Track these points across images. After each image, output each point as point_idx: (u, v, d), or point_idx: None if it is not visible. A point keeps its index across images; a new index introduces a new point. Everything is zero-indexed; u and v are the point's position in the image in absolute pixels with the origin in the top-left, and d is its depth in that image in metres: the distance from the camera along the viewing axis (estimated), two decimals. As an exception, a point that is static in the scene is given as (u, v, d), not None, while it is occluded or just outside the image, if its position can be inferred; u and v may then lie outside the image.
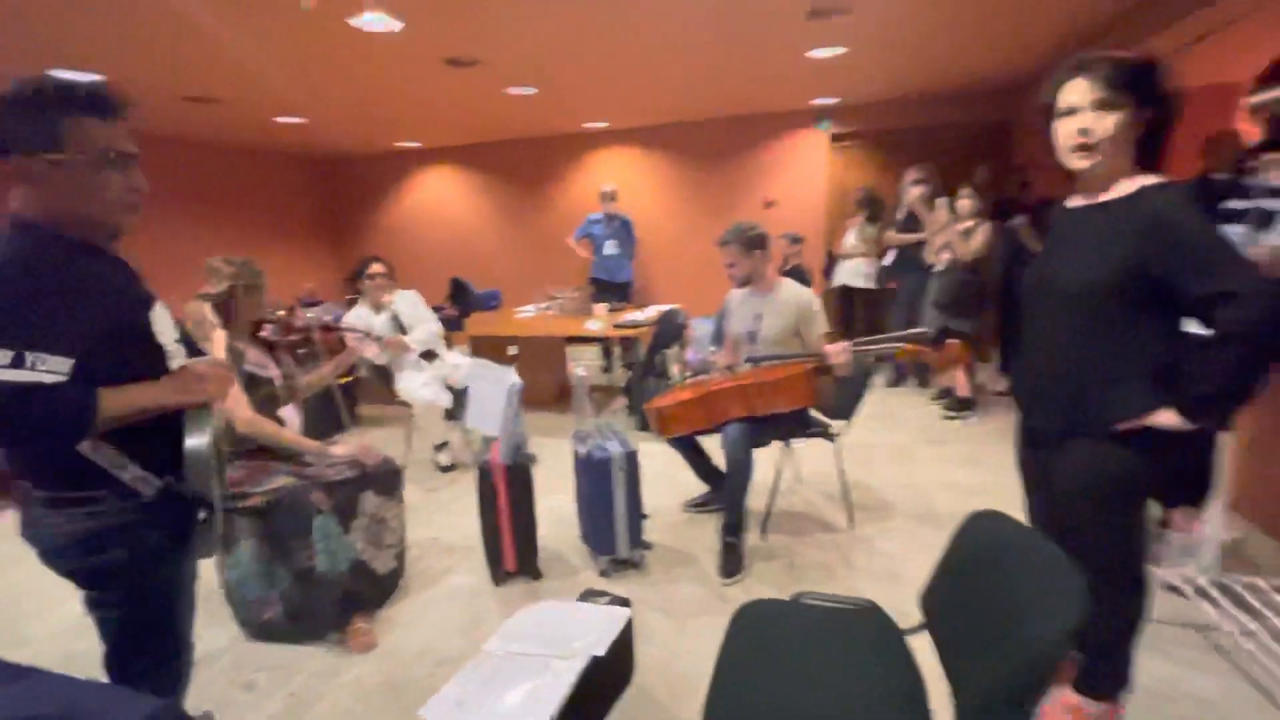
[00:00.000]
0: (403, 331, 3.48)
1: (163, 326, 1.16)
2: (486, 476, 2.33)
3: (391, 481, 2.33)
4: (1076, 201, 1.41)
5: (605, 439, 2.47)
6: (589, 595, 1.96)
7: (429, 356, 3.58)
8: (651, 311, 4.53)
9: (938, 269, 4.18)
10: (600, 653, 1.55)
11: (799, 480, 3.25)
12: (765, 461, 2.64)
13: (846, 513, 2.82)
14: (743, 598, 1.50)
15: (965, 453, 3.55)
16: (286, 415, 2.25)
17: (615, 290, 5.48)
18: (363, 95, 4.72)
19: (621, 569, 2.46)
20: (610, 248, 5.56)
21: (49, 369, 0.95)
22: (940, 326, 4.05)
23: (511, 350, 4.66)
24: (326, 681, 1.94)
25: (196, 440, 1.10)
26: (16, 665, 0.89)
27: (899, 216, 4.68)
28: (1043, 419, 1.46)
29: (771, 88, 5.00)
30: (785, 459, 2.86)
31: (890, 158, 5.76)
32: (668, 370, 4.29)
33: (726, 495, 2.47)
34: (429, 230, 7.61)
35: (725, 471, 2.48)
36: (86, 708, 0.81)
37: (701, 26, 3.41)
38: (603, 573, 2.45)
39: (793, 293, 2.59)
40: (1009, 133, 5.29)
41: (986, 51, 4.17)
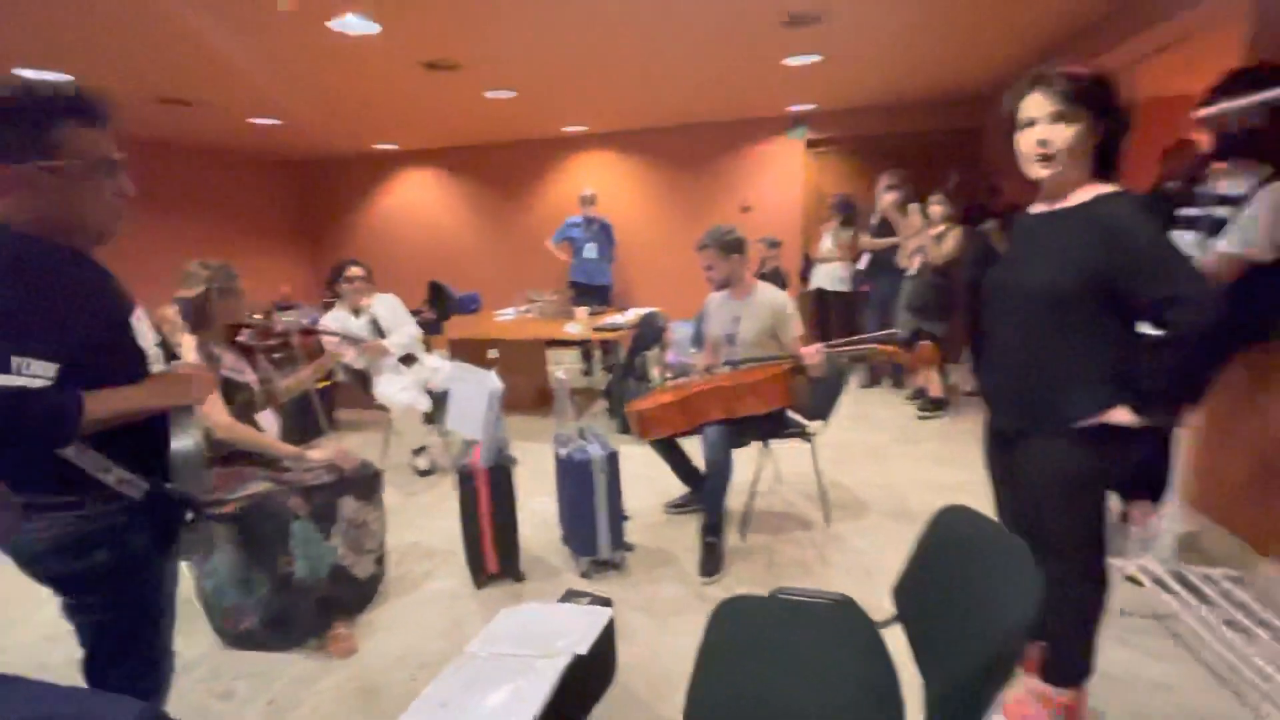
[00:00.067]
0: (381, 335, 3.46)
1: (143, 331, 1.16)
2: (468, 480, 2.34)
3: (370, 485, 2.32)
4: (1038, 208, 1.48)
5: (586, 441, 2.49)
6: (571, 596, 1.98)
7: (408, 360, 3.56)
8: (631, 314, 4.56)
9: (910, 273, 4.28)
10: (582, 651, 1.57)
11: (777, 480, 3.30)
12: (744, 462, 2.68)
13: (823, 511, 2.88)
14: (722, 596, 1.53)
15: (938, 451, 3.64)
16: (264, 420, 2.23)
17: (595, 293, 5.51)
18: (340, 97, 4.68)
19: (603, 570, 2.48)
20: (590, 251, 5.58)
21: (34, 373, 0.95)
22: (913, 328, 4.16)
23: (492, 354, 4.65)
24: (306, 688, 1.93)
25: (183, 441, 1.11)
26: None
27: (873, 221, 4.78)
28: (1006, 417, 1.53)
29: (749, 94, 5.08)
30: (764, 459, 2.91)
31: (865, 164, 5.88)
32: (648, 373, 4.33)
33: (706, 496, 2.50)
34: (407, 233, 7.55)
35: (705, 473, 2.52)
36: (71, 712, 0.81)
37: (679, 33, 3.45)
38: (584, 574, 2.46)
39: (769, 296, 2.64)
40: (979, 140, 5.43)
41: (955, 62, 4.29)
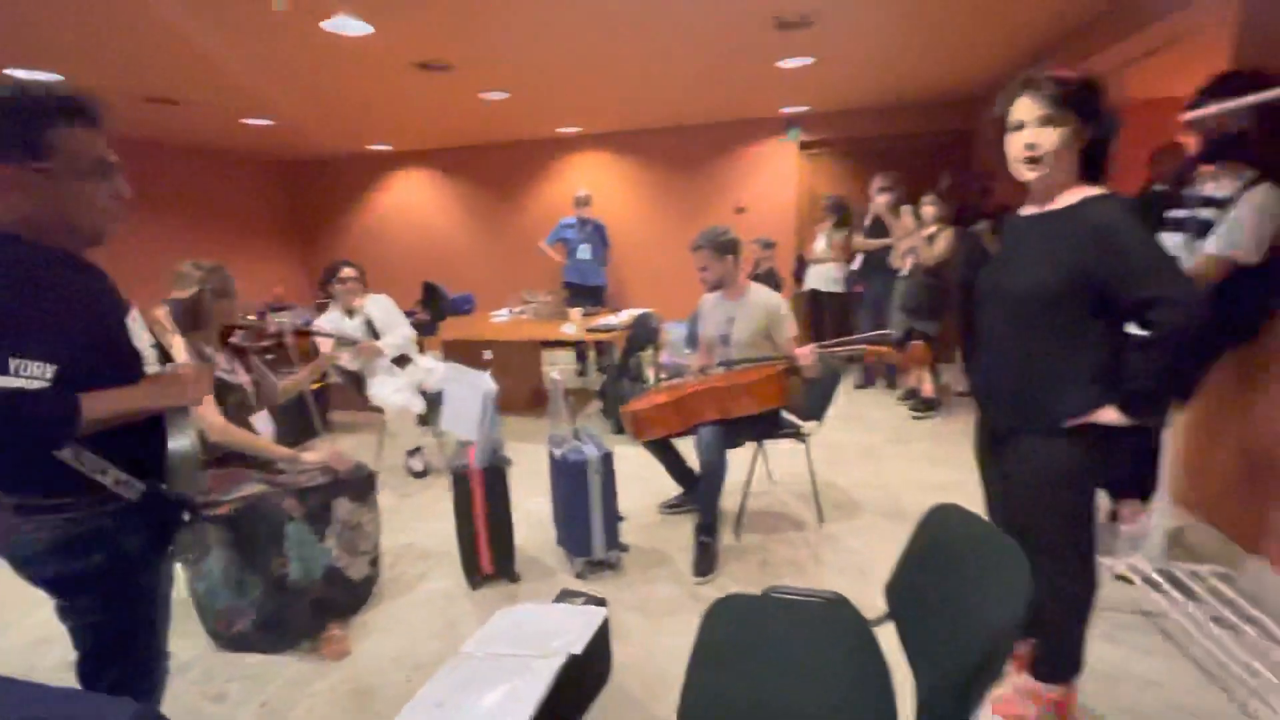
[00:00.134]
0: (375, 336, 3.46)
1: (138, 332, 1.16)
2: (462, 481, 2.34)
3: (365, 487, 2.32)
4: (1027, 210, 1.50)
5: (581, 442, 2.49)
6: (565, 596, 1.99)
7: (401, 362, 3.56)
8: (625, 315, 4.57)
9: (903, 273, 4.31)
10: (578, 651, 1.58)
11: (771, 480, 3.31)
12: (738, 462, 2.69)
13: (817, 511, 2.90)
14: (717, 596, 1.54)
15: (931, 451, 3.67)
16: (258, 423, 2.23)
17: (589, 294, 5.51)
18: (333, 98, 4.67)
19: (598, 570, 2.49)
20: (584, 252, 5.59)
21: (32, 375, 0.95)
22: (906, 329, 4.18)
23: (486, 355, 4.65)
24: (300, 690, 1.93)
25: (180, 441, 1.11)
26: None
27: (866, 222, 4.81)
28: (996, 416, 1.55)
29: (742, 96, 5.09)
30: (757, 460, 2.92)
31: (858, 165, 5.91)
32: (642, 373, 4.34)
33: (700, 496, 2.51)
34: (401, 234, 7.53)
35: (699, 473, 2.53)
36: (65, 713, 0.81)
37: (673, 35, 3.46)
38: (579, 574, 2.47)
39: (762, 297, 2.66)
40: (971, 142, 5.47)
41: (946, 65, 4.32)
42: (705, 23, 3.29)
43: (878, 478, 3.33)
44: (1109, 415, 1.33)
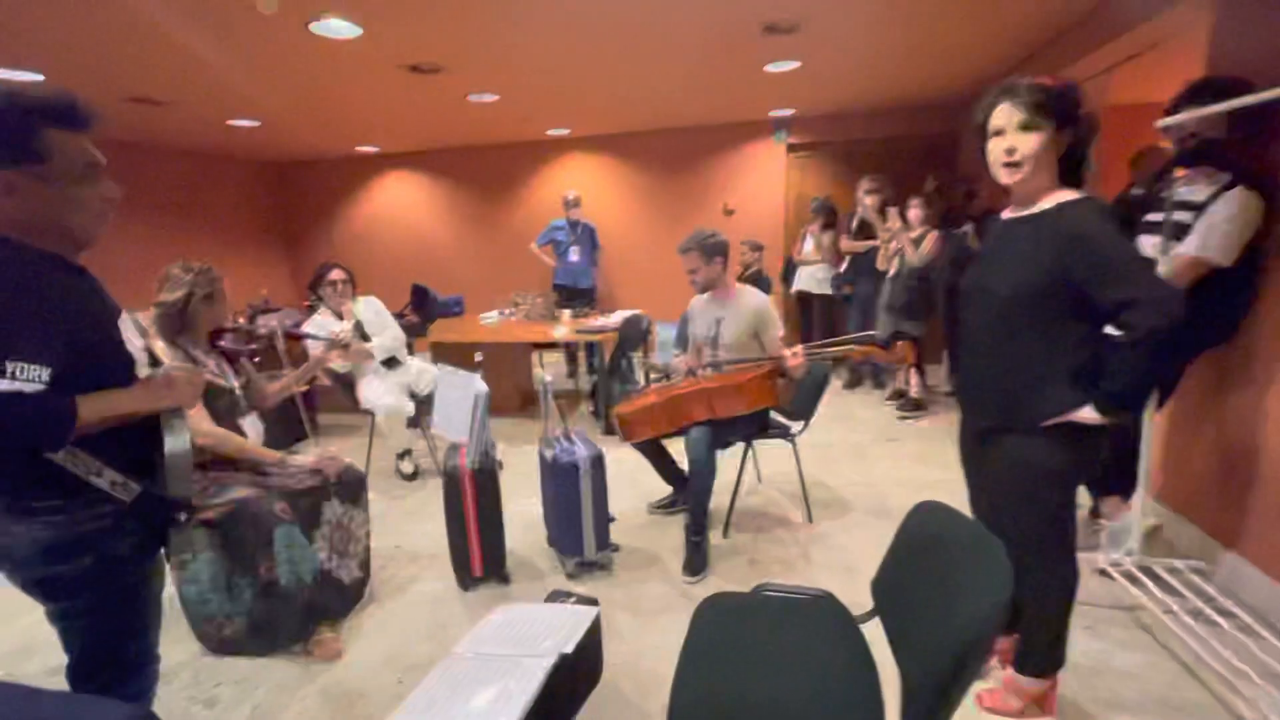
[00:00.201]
0: (365, 338, 3.45)
1: (130, 335, 1.17)
2: (454, 482, 2.34)
3: (355, 489, 2.32)
4: (1009, 213, 1.53)
5: (572, 443, 2.50)
6: (557, 595, 2.00)
7: (391, 364, 3.55)
8: (615, 317, 4.58)
9: (890, 275, 4.35)
10: (569, 650, 1.59)
11: (760, 480, 3.34)
12: (727, 463, 2.71)
13: (806, 510, 2.92)
14: (707, 595, 1.55)
15: (918, 450, 3.71)
16: (247, 426, 2.22)
17: (579, 296, 5.52)
18: (321, 100, 4.65)
19: (589, 571, 2.50)
20: (574, 254, 5.60)
21: (28, 378, 0.96)
22: (892, 329, 4.23)
23: (478, 356, 4.64)
24: (291, 693, 1.92)
25: (176, 442, 1.11)
26: None
27: (853, 224, 4.86)
28: (978, 415, 1.58)
29: (730, 99, 5.13)
30: (747, 460, 2.94)
31: (845, 168, 5.97)
32: (632, 375, 4.35)
33: (690, 496, 2.53)
34: (389, 236, 7.50)
35: (689, 473, 2.55)
36: (58, 715, 0.81)
37: (661, 39, 3.49)
38: (570, 575, 2.48)
39: (750, 298, 2.68)
40: (956, 145, 5.54)
41: (930, 70, 4.38)
42: (693, 27, 3.31)
43: (865, 477, 3.37)
44: (1087, 414, 1.37)
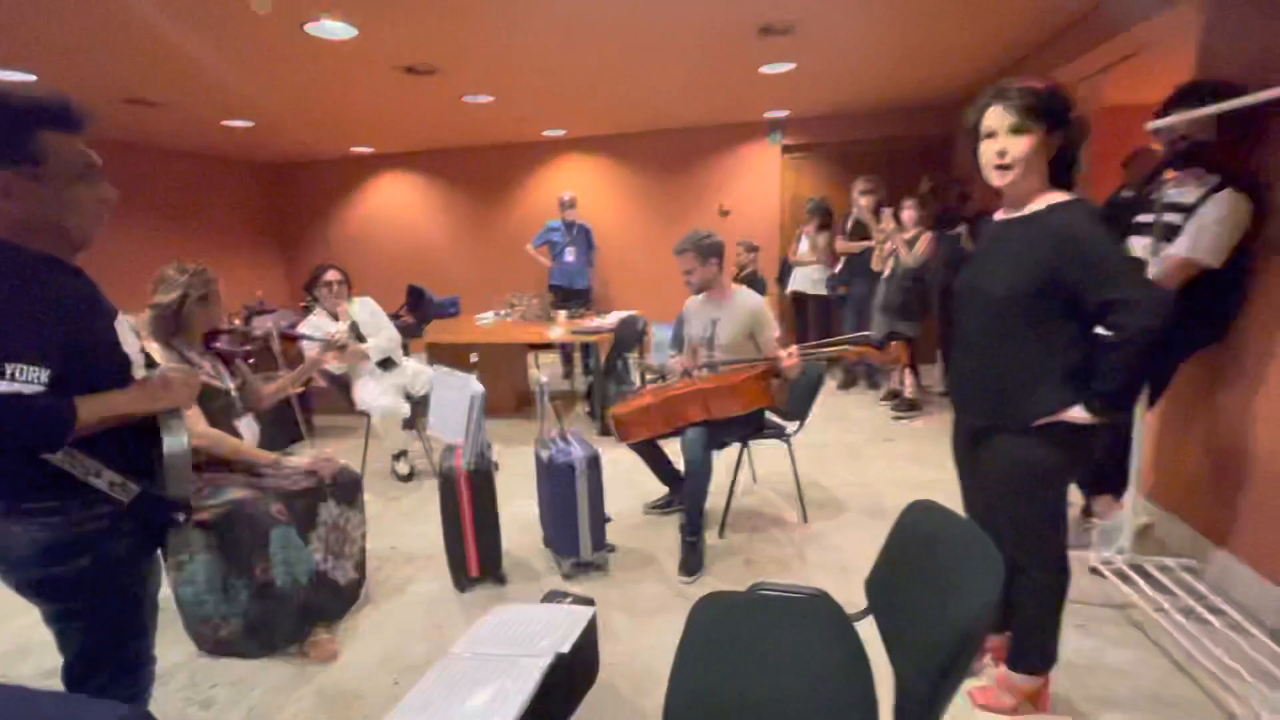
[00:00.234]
0: (361, 339, 3.44)
1: (125, 337, 1.17)
2: (449, 483, 2.34)
3: (350, 490, 2.32)
4: (1000, 214, 1.55)
5: (568, 444, 2.51)
6: (553, 596, 2.00)
7: (387, 365, 3.55)
8: (611, 318, 4.59)
9: (884, 275, 4.37)
10: (565, 650, 1.60)
11: (755, 480, 3.35)
12: (723, 463, 2.72)
13: (801, 510, 2.94)
14: (702, 594, 1.56)
15: (912, 450, 3.73)
16: (243, 428, 2.22)
17: (574, 297, 5.53)
18: (316, 101, 4.65)
19: (585, 571, 2.51)
20: (569, 255, 5.60)
21: (27, 379, 0.96)
22: (887, 330, 4.25)
23: (473, 358, 4.65)
24: (286, 694, 1.92)
25: (175, 442, 1.11)
26: None
27: (847, 225, 4.88)
28: (971, 415, 1.59)
29: (726, 100, 5.15)
30: (742, 460, 2.95)
31: (839, 168, 5.99)
32: (628, 375, 4.36)
33: (686, 497, 2.54)
34: (385, 236, 7.48)
35: (684, 474, 2.55)
36: (55, 716, 0.81)
37: (657, 40, 3.50)
38: (566, 575, 2.48)
39: (745, 299, 2.70)
40: (950, 147, 5.56)
41: (924, 71, 4.40)
42: (689, 29, 3.33)
43: (860, 477, 3.38)
44: (1078, 414, 1.38)
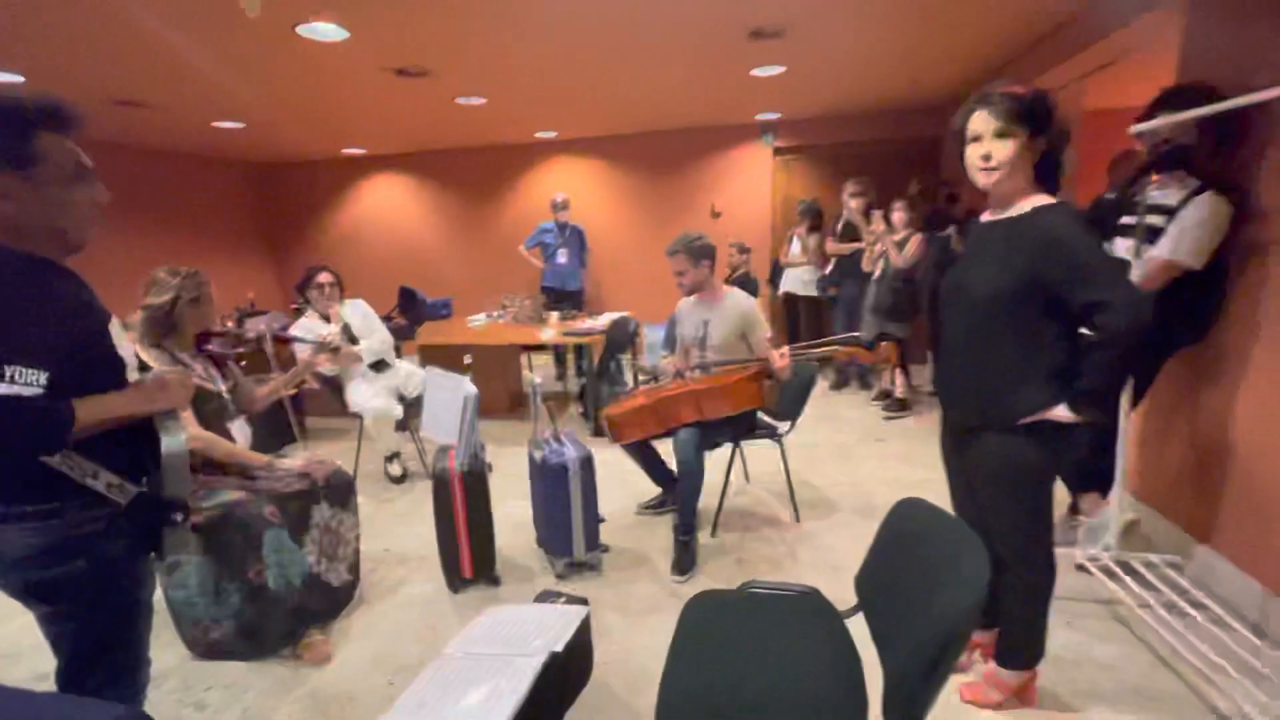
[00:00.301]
0: (354, 341, 3.44)
1: (119, 339, 1.17)
2: (443, 485, 2.35)
3: (343, 492, 2.32)
4: (987, 216, 1.58)
5: (561, 445, 2.52)
6: (546, 596, 2.02)
7: (379, 367, 3.55)
8: (604, 319, 4.60)
9: (875, 277, 4.41)
10: (559, 649, 1.61)
11: (748, 480, 3.37)
12: (715, 463, 2.74)
13: (793, 510, 2.96)
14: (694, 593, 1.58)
15: (903, 450, 3.76)
16: (236, 430, 2.22)
17: (567, 298, 5.54)
18: (307, 102, 4.63)
19: (578, 571, 2.52)
20: (562, 256, 5.61)
21: (26, 382, 0.96)
22: (878, 331, 4.28)
23: (467, 359, 4.65)
24: (280, 696, 1.92)
25: (173, 442, 1.12)
26: None
27: (838, 227, 4.92)
28: (958, 414, 1.62)
29: (717, 102, 5.17)
30: (734, 460, 2.97)
31: (830, 170, 6.04)
32: (621, 376, 4.37)
33: (679, 497, 2.56)
34: (377, 238, 7.47)
35: (677, 474, 2.57)
36: (52, 716, 0.82)
37: (648, 43, 3.52)
38: (560, 576, 2.49)
39: (737, 300, 2.72)
40: (939, 148, 5.61)
41: (913, 75, 4.44)
42: (680, 32, 3.35)
43: (851, 476, 3.41)
44: (1061, 413, 1.41)
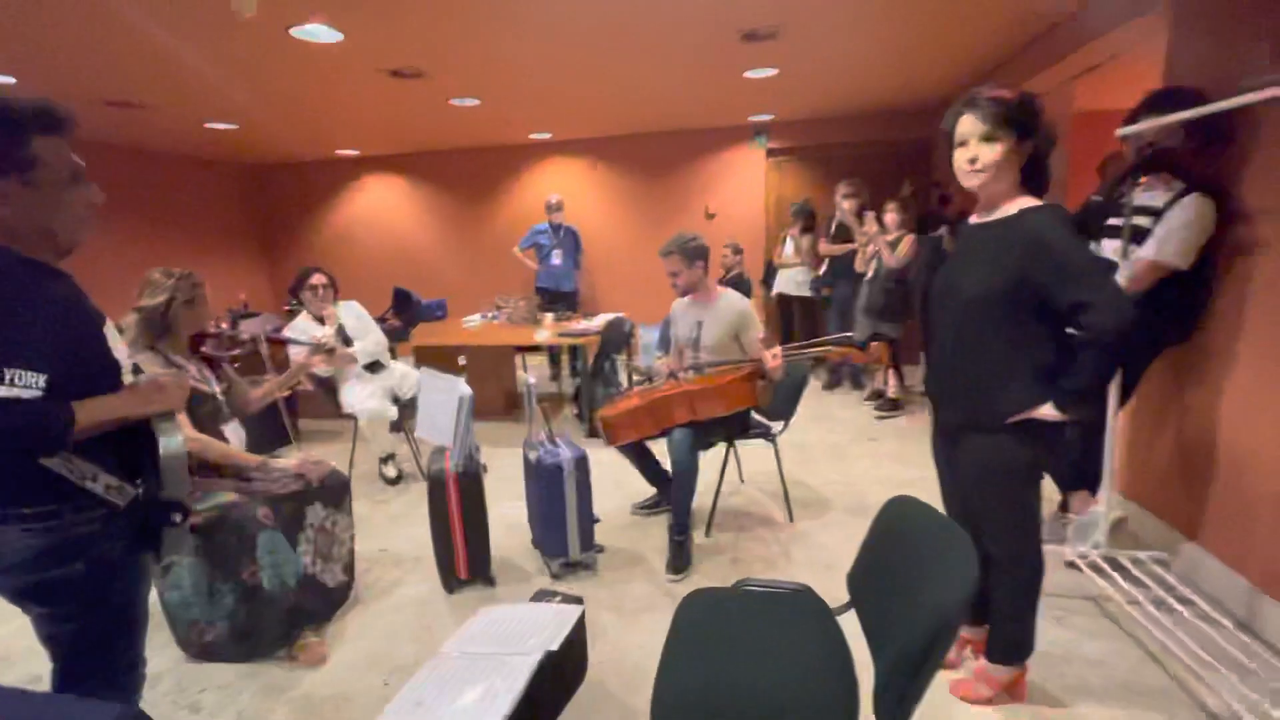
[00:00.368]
0: (348, 343, 3.44)
1: (114, 342, 1.18)
2: (438, 485, 2.36)
3: (338, 493, 2.32)
4: (976, 218, 1.60)
5: (556, 445, 2.53)
6: (542, 595, 2.02)
7: (374, 368, 3.55)
8: (598, 320, 4.62)
9: (867, 277, 4.44)
10: (554, 648, 1.62)
11: (742, 480, 3.39)
12: (709, 463, 2.76)
13: (786, 509, 2.98)
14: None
15: (895, 449, 3.79)
16: (230, 432, 2.22)
17: (562, 299, 5.55)
18: (301, 103, 4.63)
19: (573, 571, 2.53)
20: (556, 257, 5.62)
21: (26, 384, 0.97)
22: (871, 331, 4.31)
23: (461, 360, 4.66)
24: (275, 697, 1.92)
25: (171, 443, 1.12)
26: None
27: (831, 228, 4.95)
28: (948, 413, 1.64)
29: (711, 104, 5.19)
30: (728, 460, 2.99)
31: (823, 172, 6.07)
32: (615, 377, 4.38)
33: (673, 497, 2.57)
34: (370, 240, 7.45)
35: (672, 474, 2.58)
36: (50, 715, 0.83)
37: (641, 45, 3.53)
38: (555, 576, 2.50)
39: (731, 301, 2.73)
40: (931, 150, 5.66)
41: (904, 77, 4.48)
42: (673, 34, 3.37)
43: (845, 476, 3.43)
44: (1047, 411, 1.44)
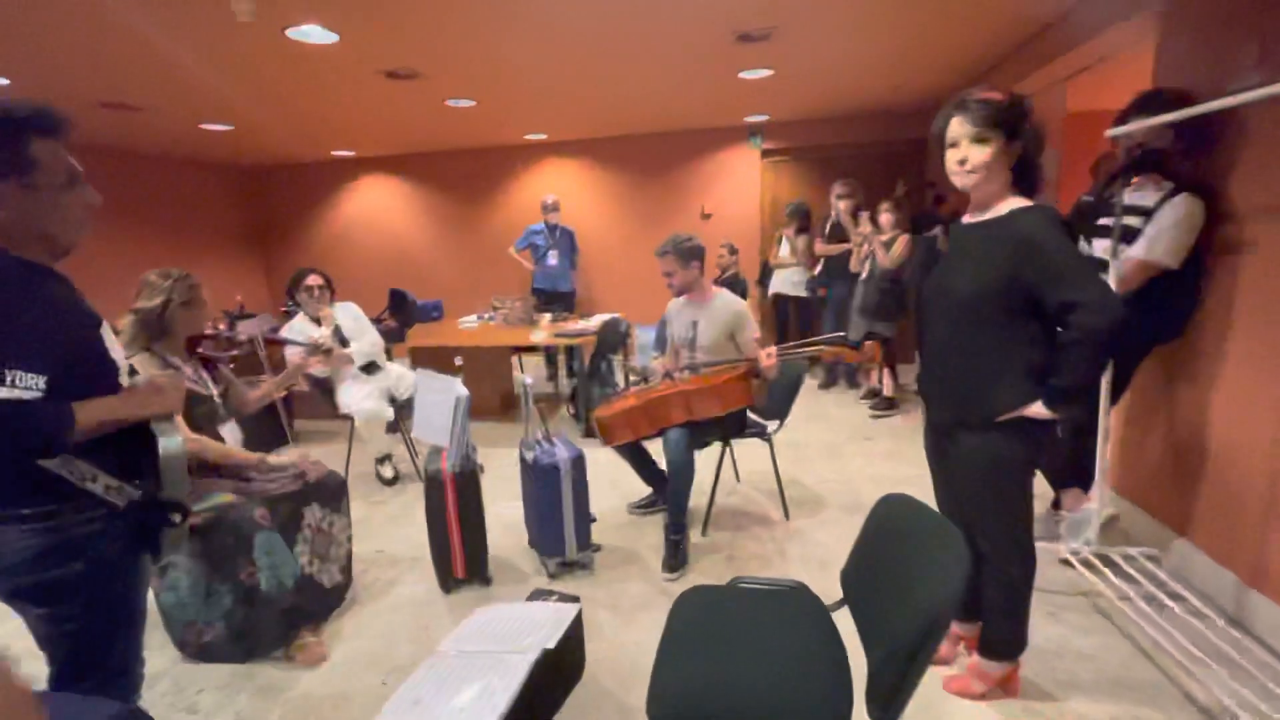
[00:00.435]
0: (344, 344, 3.44)
1: (111, 344, 1.18)
2: (435, 486, 2.36)
3: (336, 493, 2.33)
4: (968, 218, 1.62)
5: (552, 445, 2.54)
6: (538, 595, 2.04)
7: (370, 369, 3.55)
8: (594, 321, 4.63)
9: (862, 277, 4.46)
10: (551, 646, 1.63)
11: (738, 479, 3.40)
12: (705, 462, 2.77)
13: (782, 508, 2.99)
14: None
15: (890, 448, 3.81)
16: (227, 433, 2.22)
17: (558, 300, 5.56)
18: (296, 104, 4.62)
19: (570, 571, 2.54)
20: (552, 258, 5.63)
21: (26, 386, 0.97)
22: (865, 331, 4.33)
23: (458, 361, 4.66)
24: (273, 698, 1.93)
25: (170, 443, 1.13)
26: None
27: (826, 228, 4.97)
28: (940, 411, 1.66)
29: (706, 105, 5.21)
30: (724, 459, 3.00)
31: (818, 172, 6.10)
32: (612, 377, 4.40)
33: (669, 496, 2.58)
34: (366, 241, 7.45)
35: (668, 474, 2.60)
36: (50, 714, 0.83)
37: (636, 46, 3.55)
38: (552, 575, 2.51)
39: (726, 301, 2.75)
40: (924, 151, 5.68)
41: (898, 78, 4.50)
42: (669, 34, 3.38)
43: (840, 474, 3.45)
44: (1037, 409, 1.45)
